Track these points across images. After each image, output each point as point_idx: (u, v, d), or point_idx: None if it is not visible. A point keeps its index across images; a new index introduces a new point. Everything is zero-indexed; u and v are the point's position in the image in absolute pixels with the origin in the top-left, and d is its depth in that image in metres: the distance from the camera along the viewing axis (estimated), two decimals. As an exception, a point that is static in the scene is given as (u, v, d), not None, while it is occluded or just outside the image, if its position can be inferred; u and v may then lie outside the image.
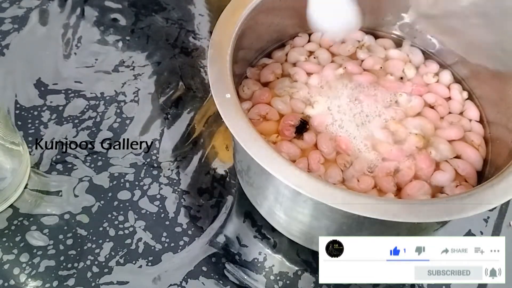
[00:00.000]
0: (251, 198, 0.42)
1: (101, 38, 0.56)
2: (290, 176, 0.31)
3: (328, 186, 0.31)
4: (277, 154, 0.31)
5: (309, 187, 0.31)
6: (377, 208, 0.30)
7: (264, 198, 0.39)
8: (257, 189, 0.40)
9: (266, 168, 0.31)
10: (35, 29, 0.56)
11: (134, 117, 0.50)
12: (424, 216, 0.30)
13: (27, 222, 0.43)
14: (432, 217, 0.30)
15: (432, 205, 0.30)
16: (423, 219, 0.30)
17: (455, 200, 0.31)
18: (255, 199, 0.41)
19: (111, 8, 0.59)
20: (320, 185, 0.31)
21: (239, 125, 0.33)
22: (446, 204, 0.30)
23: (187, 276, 0.41)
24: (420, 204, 0.31)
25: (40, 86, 0.52)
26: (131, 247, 0.42)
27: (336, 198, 0.30)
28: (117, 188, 0.45)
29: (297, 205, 0.36)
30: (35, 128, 0.49)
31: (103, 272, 0.41)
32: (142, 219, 0.44)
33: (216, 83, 0.35)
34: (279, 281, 0.41)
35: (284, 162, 0.31)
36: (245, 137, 0.32)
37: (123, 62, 0.54)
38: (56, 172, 0.46)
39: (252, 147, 0.32)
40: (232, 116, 0.33)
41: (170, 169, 0.47)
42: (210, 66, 0.36)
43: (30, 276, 0.41)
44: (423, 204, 0.31)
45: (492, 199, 0.31)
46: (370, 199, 0.31)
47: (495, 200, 0.31)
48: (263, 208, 0.41)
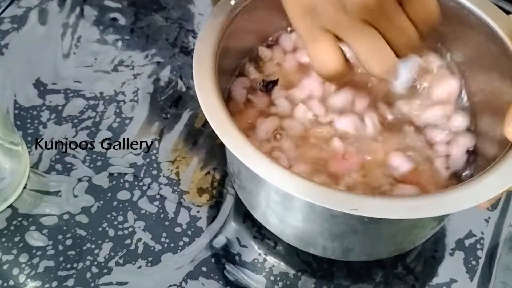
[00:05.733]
0: (245, 202, 0.42)
1: (101, 38, 0.56)
2: (282, 180, 0.30)
3: (320, 187, 0.30)
4: (268, 159, 0.31)
5: (300, 189, 0.30)
6: (373, 205, 0.29)
7: (257, 202, 0.39)
8: (249, 193, 0.40)
9: (256, 171, 0.30)
10: (34, 28, 0.56)
11: (133, 117, 0.50)
12: (423, 212, 0.29)
13: (26, 223, 0.43)
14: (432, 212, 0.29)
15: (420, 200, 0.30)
16: (421, 214, 0.29)
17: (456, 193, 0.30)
18: (249, 203, 0.41)
19: (111, 8, 0.59)
20: (316, 189, 0.30)
21: (226, 128, 0.32)
22: (438, 197, 0.30)
23: (187, 276, 0.41)
24: (415, 200, 0.30)
25: (39, 86, 0.51)
26: (131, 248, 0.42)
27: (328, 199, 0.30)
28: (117, 188, 0.45)
29: (288, 210, 0.36)
30: (34, 128, 0.48)
31: (103, 272, 0.41)
32: (142, 219, 0.44)
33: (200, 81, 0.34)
34: (279, 282, 0.41)
35: (275, 166, 0.31)
36: (234, 142, 0.32)
37: (123, 62, 0.54)
38: (55, 172, 0.46)
39: (240, 149, 0.31)
40: (217, 118, 0.33)
41: (170, 169, 0.47)
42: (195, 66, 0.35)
43: (30, 276, 0.41)
44: (416, 200, 0.30)
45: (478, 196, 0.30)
46: (359, 197, 0.30)
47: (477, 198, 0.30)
48: (257, 212, 0.41)
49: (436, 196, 0.30)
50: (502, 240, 0.44)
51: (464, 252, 0.43)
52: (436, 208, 0.29)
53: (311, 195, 0.30)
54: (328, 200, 0.30)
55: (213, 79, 0.35)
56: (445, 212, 0.30)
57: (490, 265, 0.43)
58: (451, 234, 0.44)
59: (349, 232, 0.36)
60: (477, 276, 0.42)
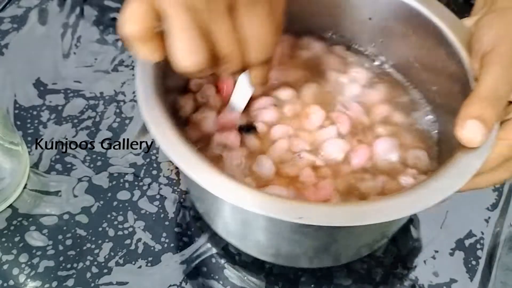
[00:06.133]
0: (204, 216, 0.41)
1: (101, 38, 0.56)
2: (219, 186, 0.29)
3: (263, 196, 0.29)
4: (207, 165, 0.30)
5: (240, 197, 0.29)
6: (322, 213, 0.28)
7: (214, 215, 0.39)
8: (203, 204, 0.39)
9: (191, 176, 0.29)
10: (34, 28, 0.56)
11: (133, 117, 0.50)
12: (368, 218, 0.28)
13: (26, 223, 0.43)
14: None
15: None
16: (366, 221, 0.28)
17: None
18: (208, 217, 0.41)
19: (111, 8, 0.59)
20: (259, 197, 0.29)
21: (165, 132, 0.31)
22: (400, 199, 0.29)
23: (187, 276, 0.41)
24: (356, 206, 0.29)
25: (39, 86, 0.51)
26: (131, 248, 0.42)
27: (271, 207, 0.28)
28: (117, 188, 0.45)
29: (241, 222, 0.36)
30: (34, 128, 0.48)
31: (103, 272, 0.41)
32: (142, 219, 0.44)
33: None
34: (279, 282, 0.41)
35: (213, 172, 0.30)
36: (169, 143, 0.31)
37: (123, 62, 0.54)
38: (55, 172, 0.46)
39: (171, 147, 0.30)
40: (157, 121, 0.32)
41: (170, 169, 0.47)
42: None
43: (29, 276, 0.41)
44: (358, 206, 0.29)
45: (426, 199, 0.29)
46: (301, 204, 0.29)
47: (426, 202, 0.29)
48: (216, 226, 0.40)
49: (378, 203, 0.29)
50: (502, 240, 0.44)
51: (464, 252, 0.43)
52: (378, 215, 0.29)
53: (247, 203, 0.29)
54: (270, 209, 0.28)
55: (157, 93, 0.34)
56: (385, 219, 0.29)
57: (490, 265, 0.43)
58: (451, 234, 0.44)
59: (305, 243, 0.36)
60: (477, 276, 0.42)
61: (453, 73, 0.36)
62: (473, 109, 0.31)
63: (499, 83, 0.31)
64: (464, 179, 0.30)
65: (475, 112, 0.30)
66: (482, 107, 0.31)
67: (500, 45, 0.32)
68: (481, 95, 0.31)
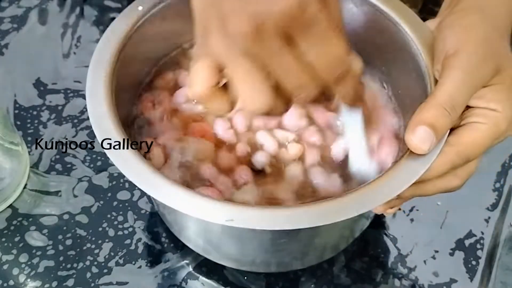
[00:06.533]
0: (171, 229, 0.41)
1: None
2: (155, 187, 0.29)
3: (197, 198, 0.29)
4: (147, 165, 0.30)
5: (171, 198, 0.29)
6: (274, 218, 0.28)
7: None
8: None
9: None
10: (34, 28, 0.56)
11: (133, 117, 0.50)
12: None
13: (26, 223, 0.43)
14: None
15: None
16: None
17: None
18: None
19: (111, 8, 0.59)
20: (192, 200, 0.29)
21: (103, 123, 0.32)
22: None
23: (186, 276, 0.41)
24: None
25: (39, 86, 0.51)
26: (131, 248, 0.42)
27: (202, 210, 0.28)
28: (117, 188, 0.45)
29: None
30: (34, 128, 0.48)
31: (103, 272, 0.41)
32: (142, 219, 0.44)
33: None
34: (279, 282, 0.41)
35: (152, 171, 0.30)
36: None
37: (123, 62, 0.54)
38: (55, 172, 0.46)
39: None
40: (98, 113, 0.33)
41: (170, 169, 0.47)
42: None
43: (30, 276, 0.41)
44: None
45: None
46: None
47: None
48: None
49: (315, 206, 0.29)
50: (502, 240, 0.44)
51: (464, 252, 0.43)
52: (315, 218, 0.28)
53: (182, 205, 0.28)
54: (201, 211, 0.28)
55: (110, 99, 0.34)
56: (324, 222, 0.28)
57: (490, 265, 0.43)
58: (451, 234, 0.44)
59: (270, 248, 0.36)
60: (477, 276, 0.42)
61: (416, 76, 0.35)
62: (427, 115, 0.30)
63: (458, 89, 0.30)
64: (404, 186, 0.29)
65: (428, 119, 0.29)
66: (437, 114, 0.29)
67: (462, 49, 0.31)
68: (438, 100, 0.30)
